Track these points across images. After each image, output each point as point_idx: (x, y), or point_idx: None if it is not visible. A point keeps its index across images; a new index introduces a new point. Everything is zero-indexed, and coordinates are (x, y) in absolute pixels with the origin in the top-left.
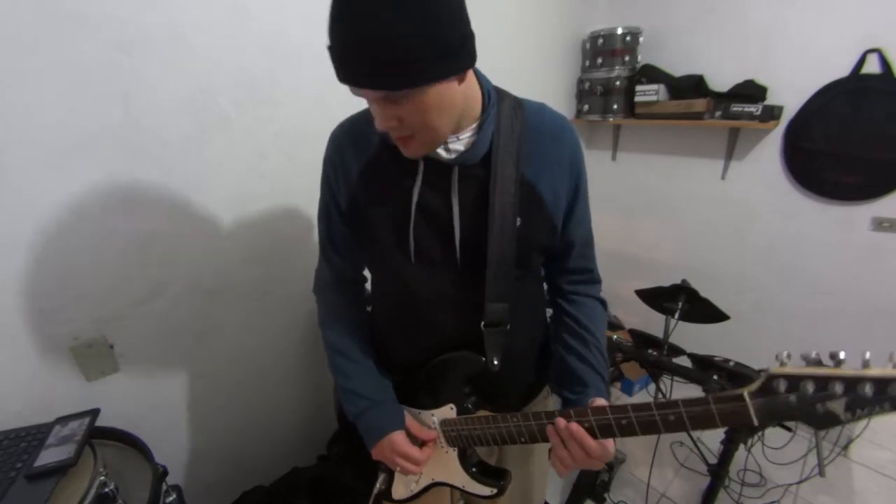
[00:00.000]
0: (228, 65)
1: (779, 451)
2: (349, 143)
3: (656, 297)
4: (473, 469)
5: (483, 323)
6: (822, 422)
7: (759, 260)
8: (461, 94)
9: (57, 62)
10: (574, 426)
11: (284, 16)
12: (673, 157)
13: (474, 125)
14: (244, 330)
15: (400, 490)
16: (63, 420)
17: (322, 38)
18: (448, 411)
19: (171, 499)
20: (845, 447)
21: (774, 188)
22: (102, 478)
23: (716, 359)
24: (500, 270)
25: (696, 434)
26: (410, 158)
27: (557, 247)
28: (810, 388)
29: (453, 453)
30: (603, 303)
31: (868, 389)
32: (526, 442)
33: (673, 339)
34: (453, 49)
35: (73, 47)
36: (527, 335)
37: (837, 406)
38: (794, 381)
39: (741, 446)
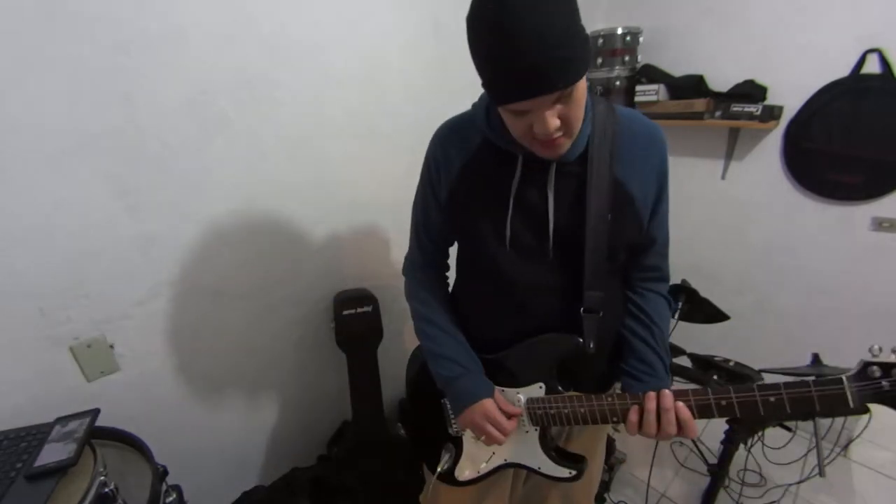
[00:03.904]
0: (228, 65)
1: (779, 451)
2: (454, 141)
3: None
4: (553, 452)
5: (582, 308)
6: None
7: (759, 260)
8: None
9: (58, 63)
10: (680, 404)
11: (284, 16)
12: (673, 157)
13: None
14: (244, 330)
15: (466, 471)
16: (63, 420)
17: (321, 37)
18: (536, 390)
19: (171, 499)
20: (845, 447)
21: (774, 188)
22: (102, 478)
23: (716, 359)
24: (594, 262)
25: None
26: (511, 155)
27: (640, 244)
28: None
29: (534, 434)
30: (668, 301)
31: None
32: (618, 421)
33: (673, 339)
34: (588, 40)
35: (73, 48)
36: (614, 325)
37: None
38: (888, 368)
39: (741, 446)
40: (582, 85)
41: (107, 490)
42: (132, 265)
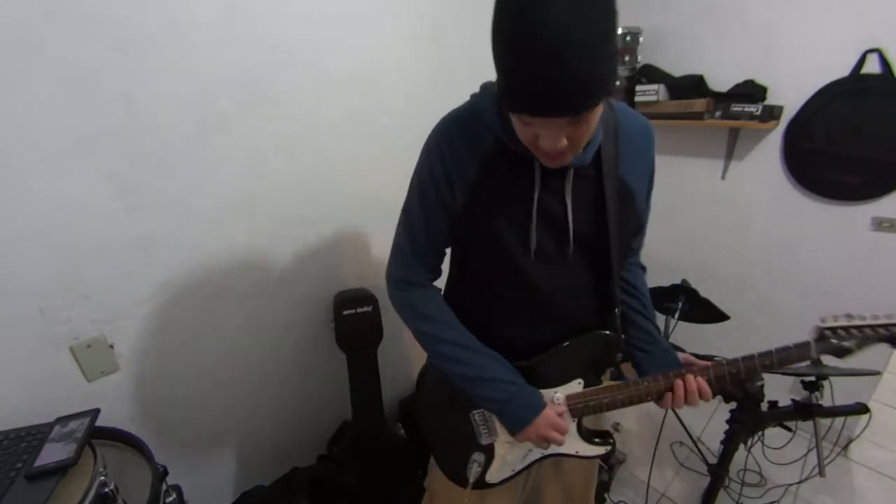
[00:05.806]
0: (228, 65)
1: (779, 451)
2: (463, 140)
3: (656, 297)
4: (587, 435)
5: (617, 309)
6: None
7: (759, 260)
8: None
9: (58, 62)
10: (702, 381)
11: (284, 16)
12: (673, 157)
13: None
14: (244, 330)
15: (495, 473)
16: (63, 420)
17: (321, 37)
18: (575, 386)
19: (171, 499)
20: (845, 447)
21: (774, 188)
22: (102, 478)
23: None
24: (619, 262)
25: (696, 434)
26: (526, 161)
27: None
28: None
29: (572, 425)
30: (643, 267)
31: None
32: (651, 400)
33: (673, 339)
34: (615, 59)
35: (74, 47)
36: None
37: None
38: (834, 329)
39: (741, 446)
40: (598, 107)
41: (107, 490)
42: (132, 265)
